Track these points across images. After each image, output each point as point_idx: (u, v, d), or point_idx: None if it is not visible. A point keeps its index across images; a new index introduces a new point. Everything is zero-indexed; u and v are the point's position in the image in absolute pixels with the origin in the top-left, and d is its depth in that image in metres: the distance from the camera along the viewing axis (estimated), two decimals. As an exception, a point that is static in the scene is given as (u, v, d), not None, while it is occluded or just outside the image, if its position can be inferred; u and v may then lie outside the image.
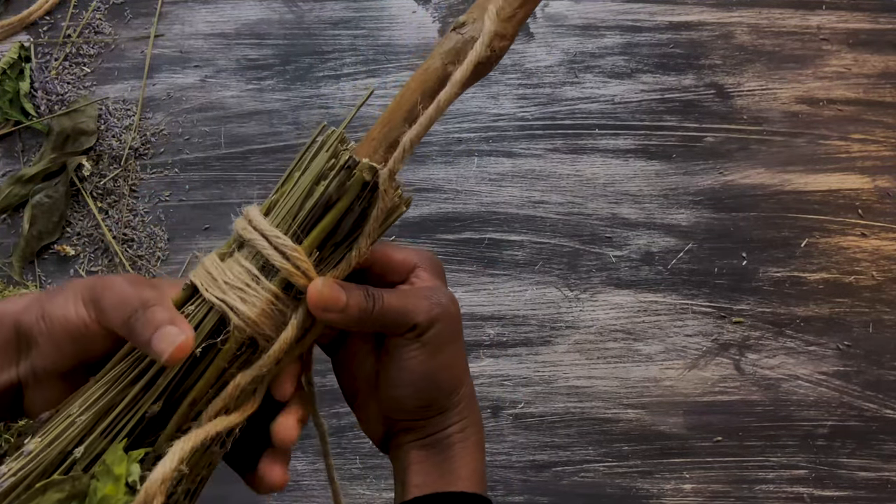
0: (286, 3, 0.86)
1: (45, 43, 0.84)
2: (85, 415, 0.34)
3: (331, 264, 0.38)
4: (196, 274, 0.36)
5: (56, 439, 0.33)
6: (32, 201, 0.76)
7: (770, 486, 0.69)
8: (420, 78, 0.36)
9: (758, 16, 0.87)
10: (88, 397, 0.34)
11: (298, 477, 0.69)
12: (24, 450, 0.33)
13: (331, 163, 0.36)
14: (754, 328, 0.74)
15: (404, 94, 0.36)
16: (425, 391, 0.39)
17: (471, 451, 0.40)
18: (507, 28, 0.37)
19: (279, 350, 0.36)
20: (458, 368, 0.40)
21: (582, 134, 0.81)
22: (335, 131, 0.37)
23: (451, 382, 0.39)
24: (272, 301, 0.36)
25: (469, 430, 0.41)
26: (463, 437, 0.40)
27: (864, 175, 0.80)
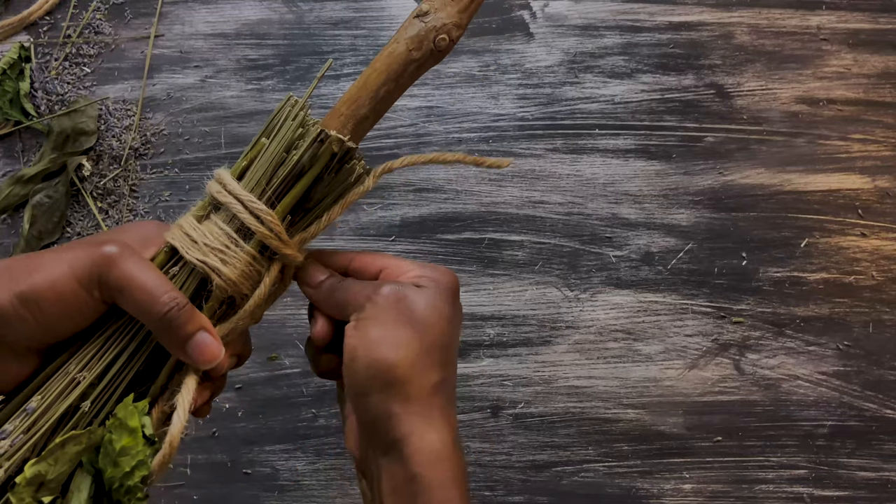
0: (286, 4, 0.87)
1: (45, 43, 0.84)
2: (85, 372, 0.36)
3: (300, 228, 0.40)
4: (174, 236, 0.38)
5: (59, 396, 0.36)
6: (32, 201, 0.76)
7: (770, 486, 0.69)
8: (386, 61, 0.40)
9: (758, 16, 0.87)
10: (83, 357, 0.36)
11: (298, 477, 0.69)
12: (28, 408, 0.35)
13: (299, 132, 0.39)
14: (754, 328, 0.74)
15: (370, 75, 0.40)
16: (353, 371, 0.37)
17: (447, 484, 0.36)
18: (462, 19, 0.41)
19: (254, 305, 0.39)
20: (391, 349, 0.36)
21: (582, 134, 0.81)
22: (299, 102, 0.39)
23: (380, 364, 0.36)
24: (250, 262, 0.39)
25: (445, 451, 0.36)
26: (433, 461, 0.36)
27: (864, 175, 0.80)
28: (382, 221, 0.77)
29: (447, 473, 0.36)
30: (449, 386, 0.38)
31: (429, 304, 0.38)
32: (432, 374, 0.37)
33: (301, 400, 0.71)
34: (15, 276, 0.34)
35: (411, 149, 0.80)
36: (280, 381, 0.71)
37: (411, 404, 0.36)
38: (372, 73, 0.40)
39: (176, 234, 0.38)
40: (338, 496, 0.68)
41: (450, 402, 0.38)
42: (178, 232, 0.38)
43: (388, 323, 0.37)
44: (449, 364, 0.39)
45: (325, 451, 0.69)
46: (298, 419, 0.70)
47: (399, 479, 0.36)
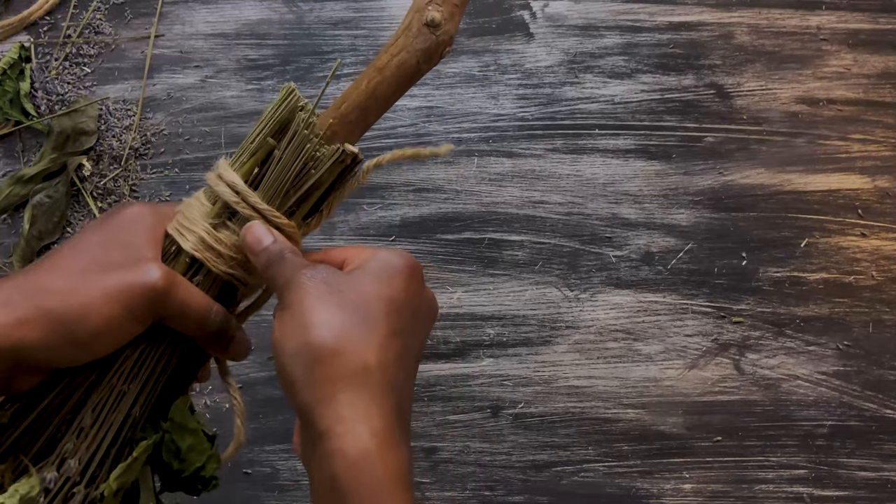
0: (286, 4, 0.87)
1: (46, 43, 0.84)
2: (129, 383, 0.38)
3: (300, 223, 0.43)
4: (196, 247, 0.39)
5: (112, 409, 0.38)
6: (33, 201, 0.76)
7: (770, 486, 0.69)
8: (396, 73, 0.40)
9: (758, 16, 0.87)
10: (124, 369, 0.38)
11: (298, 477, 0.69)
12: (83, 423, 0.37)
13: (315, 145, 0.40)
14: (754, 328, 0.74)
15: (380, 84, 0.40)
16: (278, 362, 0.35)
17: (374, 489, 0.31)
18: (457, 27, 0.41)
19: (263, 302, 0.44)
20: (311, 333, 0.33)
21: (582, 134, 0.81)
22: (308, 107, 0.40)
23: (301, 349, 0.33)
24: None
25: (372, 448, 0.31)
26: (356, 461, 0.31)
27: (864, 175, 0.80)
28: (382, 221, 0.77)
29: (375, 476, 0.31)
30: (387, 370, 0.34)
31: (361, 287, 0.35)
32: (361, 353, 0.33)
33: (301, 400, 0.71)
34: (63, 319, 0.34)
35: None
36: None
37: (338, 390, 0.32)
38: (382, 83, 0.40)
39: (198, 246, 0.39)
40: (338, 496, 0.68)
41: (388, 388, 0.33)
42: (200, 244, 0.39)
43: (309, 307, 0.34)
44: (390, 347, 0.34)
45: (325, 450, 0.70)
46: (298, 419, 0.70)
47: (323, 479, 0.32)
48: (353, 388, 0.32)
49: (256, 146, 0.40)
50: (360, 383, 0.33)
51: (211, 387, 0.71)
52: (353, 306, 0.34)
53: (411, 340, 0.36)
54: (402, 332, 0.35)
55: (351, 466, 0.31)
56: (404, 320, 0.35)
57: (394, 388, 0.34)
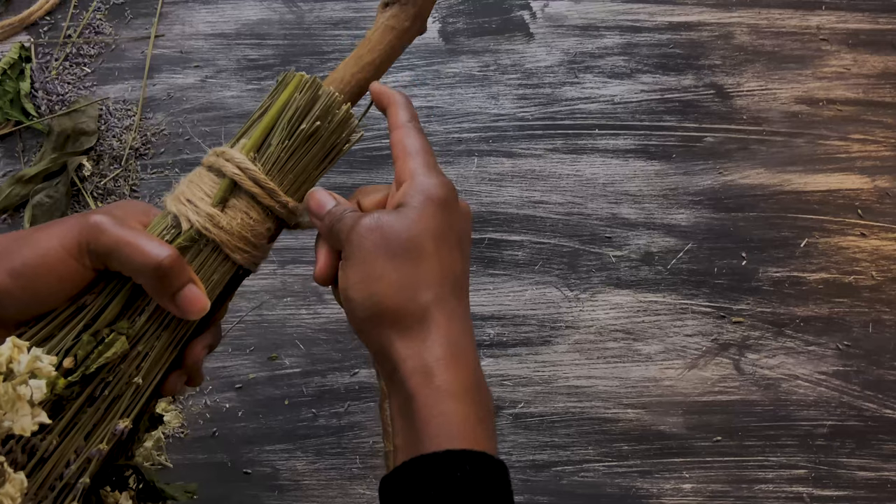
0: (286, 4, 0.87)
1: (46, 43, 0.84)
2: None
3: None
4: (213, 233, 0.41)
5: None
6: (33, 201, 0.76)
7: (770, 486, 0.69)
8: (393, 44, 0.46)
9: (757, 16, 0.87)
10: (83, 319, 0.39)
11: (299, 477, 0.69)
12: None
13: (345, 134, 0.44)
14: (754, 328, 0.74)
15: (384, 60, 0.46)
16: (348, 312, 0.39)
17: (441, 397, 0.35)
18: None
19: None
20: (372, 285, 0.37)
21: (582, 134, 0.81)
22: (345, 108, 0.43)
23: (366, 301, 0.37)
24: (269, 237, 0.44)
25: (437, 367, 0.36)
26: (424, 379, 0.36)
27: (863, 175, 0.80)
28: (382, 221, 0.77)
29: (443, 387, 0.35)
30: (446, 302, 0.38)
31: (408, 226, 0.38)
32: (421, 295, 0.37)
33: (301, 400, 0.71)
34: (6, 254, 0.35)
35: (411, 149, 0.80)
36: (280, 381, 0.72)
37: (405, 330, 0.37)
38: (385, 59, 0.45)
39: (212, 230, 0.41)
40: (338, 496, 0.68)
41: (450, 317, 0.38)
42: (213, 227, 0.41)
43: (366, 259, 0.38)
44: (445, 280, 0.38)
45: (325, 451, 0.70)
46: (298, 419, 0.70)
47: (401, 402, 0.37)
48: (420, 326, 0.37)
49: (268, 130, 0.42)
50: (426, 321, 0.37)
51: (211, 387, 0.71)
52: (407, 251, 0.37)
53: (461, 264, 0.40)
54: (452, 260, 0.39)
55: (421, 384, 0.35)
56: (451, 247, 0.39)
57: (454, 316, 0.38)
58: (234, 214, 0.41)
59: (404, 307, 0.37)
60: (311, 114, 0.42)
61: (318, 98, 0.42)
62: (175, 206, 0.41)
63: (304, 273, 0.75)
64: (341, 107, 0.43)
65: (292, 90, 0.42)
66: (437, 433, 0.34)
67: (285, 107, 0.42)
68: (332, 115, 0.43)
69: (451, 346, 0.37)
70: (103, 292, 0.39)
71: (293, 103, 0.42)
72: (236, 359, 0.72)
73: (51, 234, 0.36)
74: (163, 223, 0.41)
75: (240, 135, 0.44)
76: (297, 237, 0.45)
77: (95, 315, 0.39)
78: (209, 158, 0.42)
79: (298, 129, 0.42)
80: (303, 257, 0.75)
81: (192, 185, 0.42)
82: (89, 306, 0.39)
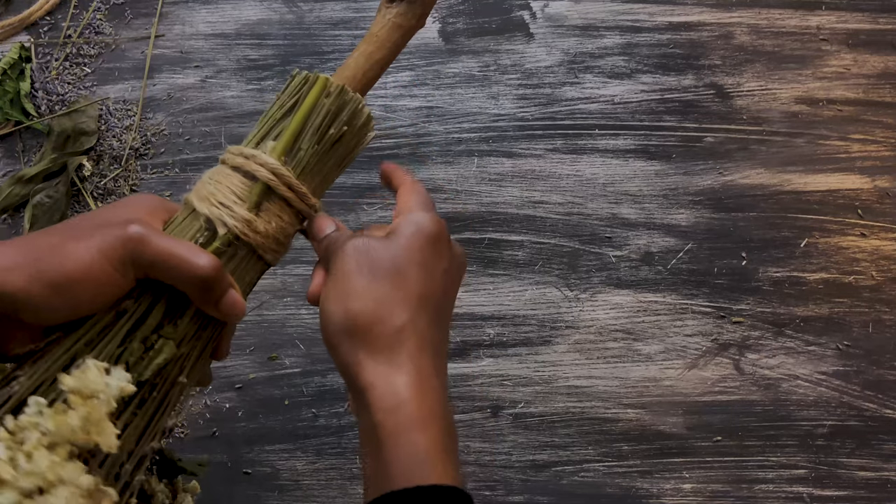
0: (286, 4, 0.87)
1: (46, 43, 0.84)
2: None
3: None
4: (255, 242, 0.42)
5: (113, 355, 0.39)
6: (33, 201, 0.76)
7: (770, 486, 0.69)
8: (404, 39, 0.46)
9: (757, 16, 0.87)
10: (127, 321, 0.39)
11: (299, 477, 0.69)
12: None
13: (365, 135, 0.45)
14: (754, 328, 0.74)
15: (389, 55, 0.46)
16: (323, 326, 0.39)
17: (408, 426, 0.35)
18: None
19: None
20: (351, 301, 0.38)
21: (582, 134, 0.81)
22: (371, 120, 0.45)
23: (342, 315, 0.38)
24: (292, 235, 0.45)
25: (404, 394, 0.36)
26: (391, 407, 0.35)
27: (863, 175, 0.80)
28: (382, 221, 0.77)
29: (410, 416, 0.35)
30: (419, 330, 0.38)
31: (394, 252, 0.39)
32: (395, 317, 0.37)
33: (301, 400, 0.71)
34: (45, 265, 0.35)
35: (411, 149, 0.80)
36: (280, 381, 0.72)
37: (376, 352, 0.37)
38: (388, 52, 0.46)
39: (249, 234, 0.41)
40: (338, 496, 0.68)
41: (422, 346, 0.38)
42: (250, 231, 0.41)
43: (348, 276, 0.39)
44: (422, 309, 0.38)
45: (325, 450, 0.70)
46: (298, 419, 0.70)
47: (367, 428, 0.36)
48: (390, 349, 0.37)
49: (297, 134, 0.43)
50: (396, 345, 0.37)
51: (211, 387, 0.71)
52: (389, 274, 0.38)
53: (443, 299, 0.40)
54: (433, 293, 0.39)
55: (388, 412, 0.35)
56: (435, 281, 0.40)
57: (427, 345, 0.38)
58: (269, 218, 0.42)
59: (377, 325, 0.37)
60: (339, 119, 0.43)
61: (346, 104, 0.43)
62: (207, 208, 0.41)
63: (304, 273, 0.75)
64: (364, 110, 0.44)
65: (318, 94, 0.42)
66: (406, 466, 0.34)
67: (312, 111, 0.42)
68: (357, 119, 0.44)
69: (419, 372, 0.37)
70: (143, 298, 0.39)
71: (321, 108, 0.42)
72: (236, 359, 0.72)
73: (92, 247, 0.36)
74: (194, 225, 0.41)
75: (258, 134, 0.43)
76: (297, 237, 0.45)
77: (138, 321, 0.39)
78: (236, 159, 0.42)
79: (328, 134, 0.43)
80: (303, 257, 0.75)
81: (221, 185, 0.42)
82: (130, 312, 0.39)
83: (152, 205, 0.41)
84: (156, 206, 0.41)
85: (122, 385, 0.35)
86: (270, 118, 0.43)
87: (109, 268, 0.36)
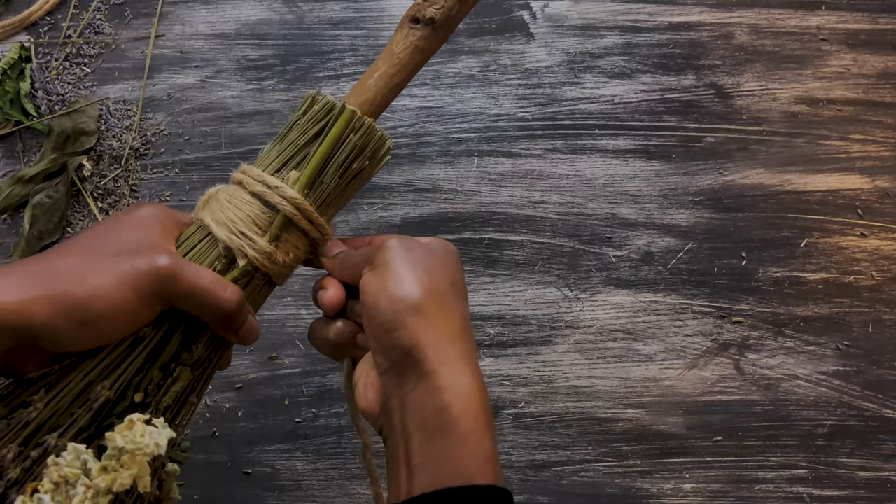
0: (286, 4, 0.87)
1: (46, 43, 0.84)
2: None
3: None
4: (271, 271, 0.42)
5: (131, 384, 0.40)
6: (33, 201, 0.76)
7: (770, 486, 0.69)
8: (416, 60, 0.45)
9: (757, 16, 0.87)
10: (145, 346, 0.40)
11: (299, 477, 0.69)
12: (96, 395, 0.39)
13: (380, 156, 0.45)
14: (754, 328, 0.74)
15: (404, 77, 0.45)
16: (378, 312, 0.39)
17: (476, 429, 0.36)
18: None
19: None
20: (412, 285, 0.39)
21: (582, 134, 0.81)
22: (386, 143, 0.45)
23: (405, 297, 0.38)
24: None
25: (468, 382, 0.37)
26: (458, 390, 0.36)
27: (863, 175, 0.80)
28: (382, 221, 0.77)
29: (477, 407, 0.37)
30: (469, 329, 0.40)
31: (435, 255, 0.40)
32: (453, 311, 0.39)
33: (301, 400, 0.71)
34: (70, 299, 0.34)
35: (411, 149, 0.80)
36: (280, 381, 0.72)
37: (441, 336, 0.37)
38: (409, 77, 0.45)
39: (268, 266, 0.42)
40: (338, 496, 0.68)
41: (473, 345, 0.40)
42: (269, 263, 0.42)
43: (403, 265, 0.39)
44: (465, 309, 0.41)
45: (325, 451, 0.70)
46: (298, 419, 0.70)
47: (429, 412, 0.36)
48: (454, 338, 0.38)
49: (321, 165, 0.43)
50: (456, 334, 0.38)
51: (211, 387, 0.71)
52: (432, 270, 0.39)
53: (466, 313, 0.42)
54: (466, 300, 0.42)
55: (462, 399, 0.36)
56: (462, 292, 0.42)
57: (474, 345, 0.40)
58: (287, 248, 0.43)
59: (441, 314, 0.38)
60: (364, 154, 0.43)
61: (371, 139, 0.43)
62: (226, 236, 0.41)
63: (304, 273, 0.75)
64: (387, 143, 0.44)
65: (345, 127, 0.42)
66: (476, 463, 0.35)
67: (337, 144, 0.42)
68: (379, 151, 0.44)
69: (478, 370, 0.39)
70: (161, 326, 0.40)
71: (347, 144, 0.42)
72: (236, 359, 0.72)
73: (122, 283, 0.36)
74: (212, 252, 0.41)
75: (279, 159, 0.43)
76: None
77: (156, 347, 0.40)
78: (256, 186, 0.42)
79: (350, 169, 0.43)
80: (303, 257, 0.75)
81: (240, 212, 0.42)
82: (147, 339, 0.39)
83: (163, 221, 0.41)
84: (167, 223, 0.41)
85: (169, 437, 0.36)
86: (292, 143, 0.43)
87: (138, 304, 0.36)
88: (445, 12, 0.43)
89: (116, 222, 0.40)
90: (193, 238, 0.42)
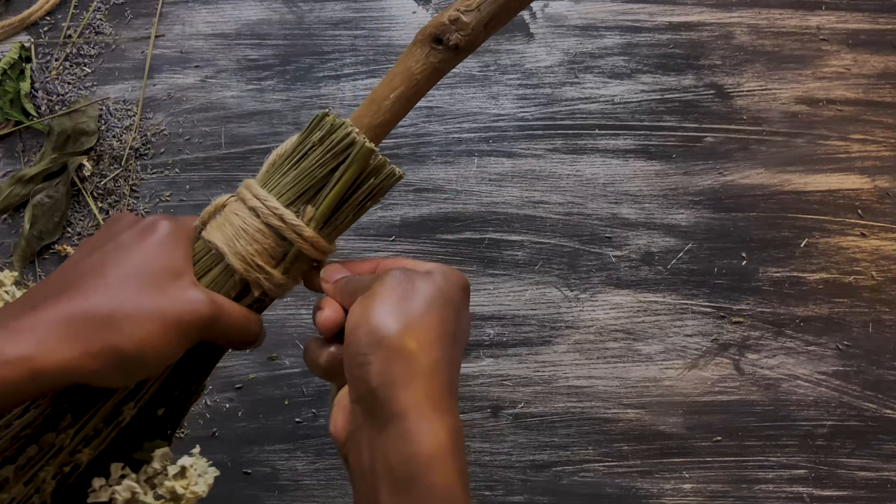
0: (286, 4, 0.87)
1: (46, 43, 0.84)
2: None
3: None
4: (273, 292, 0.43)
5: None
6: (33, 201, 0.76)
7: (770, 486, 0.69)
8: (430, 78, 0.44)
9: (757, 16, 0.87)
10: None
11: (299, 477, 0.69)
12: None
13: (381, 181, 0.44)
14: (754, 328, 0.74)
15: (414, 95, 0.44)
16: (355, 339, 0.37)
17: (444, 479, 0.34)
18: None
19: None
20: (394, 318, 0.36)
21: (582, 134, 0.81)
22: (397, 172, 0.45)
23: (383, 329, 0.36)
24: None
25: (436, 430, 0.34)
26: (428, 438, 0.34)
27: (863, 175, 0.80)
28: (382, 221, 0.77)
29: (446, 456, 0.34)
30: (452, 372, 0.37)
31: (435, 289, 0.38)
32: (434, 351, 0.36)
33: (301, 400, 0.71)
34: (122, 354, 0.35)
35: (411, 149, 0.80)
36: (280, 381, 0.72)
37: (415, 377, 0.35)
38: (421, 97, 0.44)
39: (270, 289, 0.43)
40: (338, 496, 0.68)
41: (453, 389, 0.37)
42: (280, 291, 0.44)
43: (393, 297, 0.37)
44: (453, 350, 0.38)
45: (325, 450, 0.70)
46: (298, 419, 0.70)
47: (396, 460, 0.34)
48: (428, 381, 0.35)
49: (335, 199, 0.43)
50: (434, 376, 0.35)
51: (211, 387, 0.71)
52: (427, 306, 0.37)
53: (461, 352, 0.40)
54: (460, 339, 0.39)
55: (431, 448, 0.34)
56: (462, 328, 0.40)
57: (454, 389, 0.37)
58: (295, 275, 0.44)
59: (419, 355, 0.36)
60: (379, 193, 0.44)
61: (388, 179, 0.44)
62: (243, 268, 0.42)
63: (304, 273, 0.75)
64: (396, 176, 0.44)
65: (362, 166, 0.42)
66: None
67: (355, 185, 0.43)
68: (389, 182, 0.44)
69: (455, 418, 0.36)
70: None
71: (366, 186, 0.43)
72: (236, 359, 0.72)
73: (168, 334, 0.37)
74: (228, 281, 0.42)
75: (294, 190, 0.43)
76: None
77: (173, 372, 0.43)
78: (272, 219, 0.42)
79: (365, 206, 0.44)
80: (303, 257, 0.75)
81: (257, 245, 0.42)
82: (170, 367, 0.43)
83: (180, 239, 0.42)
84: (183, 240, 0.42)
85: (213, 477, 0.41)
86: (308, 175, 0.42)
87: (182, 349, 0.38)
88: (470, 39, 0.42)
89: (137, 244, 0.39)
90: (206, 261, 0.42)
